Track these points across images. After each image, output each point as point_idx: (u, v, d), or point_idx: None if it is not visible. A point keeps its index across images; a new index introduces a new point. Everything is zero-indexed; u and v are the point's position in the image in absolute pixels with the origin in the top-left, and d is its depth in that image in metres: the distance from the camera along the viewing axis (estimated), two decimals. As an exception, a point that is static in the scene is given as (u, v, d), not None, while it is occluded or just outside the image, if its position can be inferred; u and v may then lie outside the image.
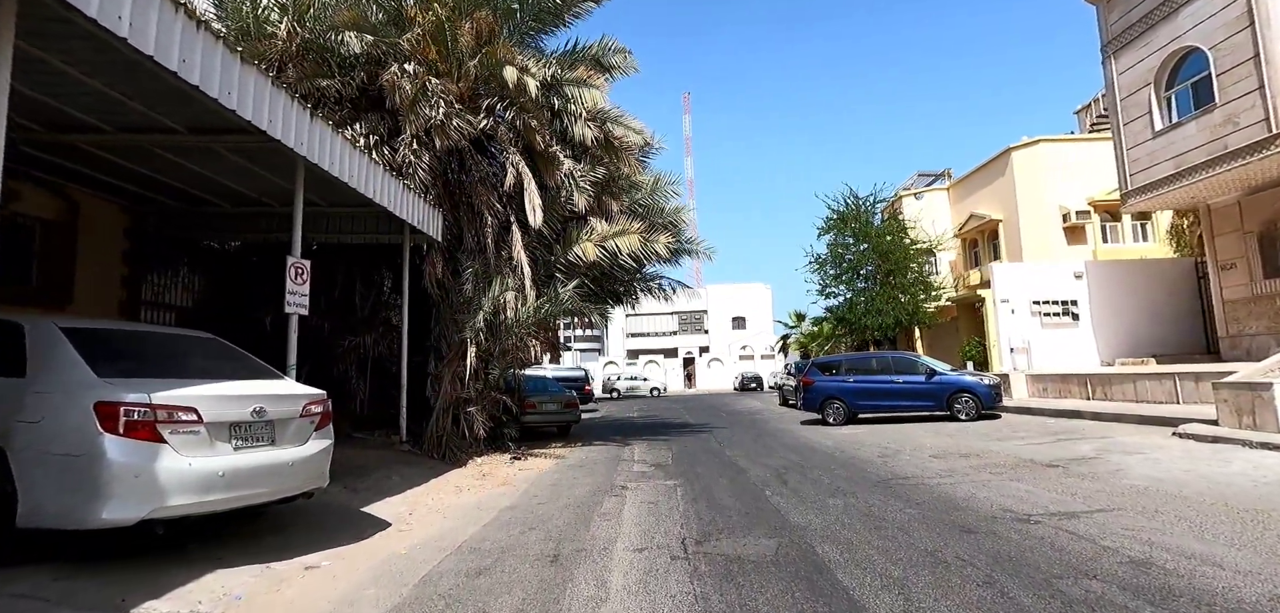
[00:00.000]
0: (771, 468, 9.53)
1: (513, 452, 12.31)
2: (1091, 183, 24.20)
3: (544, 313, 12.33)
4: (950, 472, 8.50)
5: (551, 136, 12.26)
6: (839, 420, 15.87)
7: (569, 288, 12.27)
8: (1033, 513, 6.05)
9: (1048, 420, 13.83)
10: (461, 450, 11.05)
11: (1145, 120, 15.98)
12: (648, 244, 12.77)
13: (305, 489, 5.19)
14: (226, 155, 8.25)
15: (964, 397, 15.06)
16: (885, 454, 10.45)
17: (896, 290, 23.84)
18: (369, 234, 11.65)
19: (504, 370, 12.82)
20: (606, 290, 14.58)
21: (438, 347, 12.03)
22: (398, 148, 10.95)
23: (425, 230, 11.06)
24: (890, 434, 13.16)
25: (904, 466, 9.19)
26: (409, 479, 8.55)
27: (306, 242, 12.41)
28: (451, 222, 12.79)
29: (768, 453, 11.33)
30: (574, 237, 12.49)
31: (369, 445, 10.48)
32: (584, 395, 28.69)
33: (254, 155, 8.23)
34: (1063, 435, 11.61)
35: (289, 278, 7.35)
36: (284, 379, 5.49)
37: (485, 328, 12.05)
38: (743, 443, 13.03)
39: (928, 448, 10.95)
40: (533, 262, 12.91)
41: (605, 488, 8.33)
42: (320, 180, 8.68)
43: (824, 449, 11.46)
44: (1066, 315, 19.31)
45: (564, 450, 12.90)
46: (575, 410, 15.88)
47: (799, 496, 7.35)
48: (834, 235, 25.54)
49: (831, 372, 16.81)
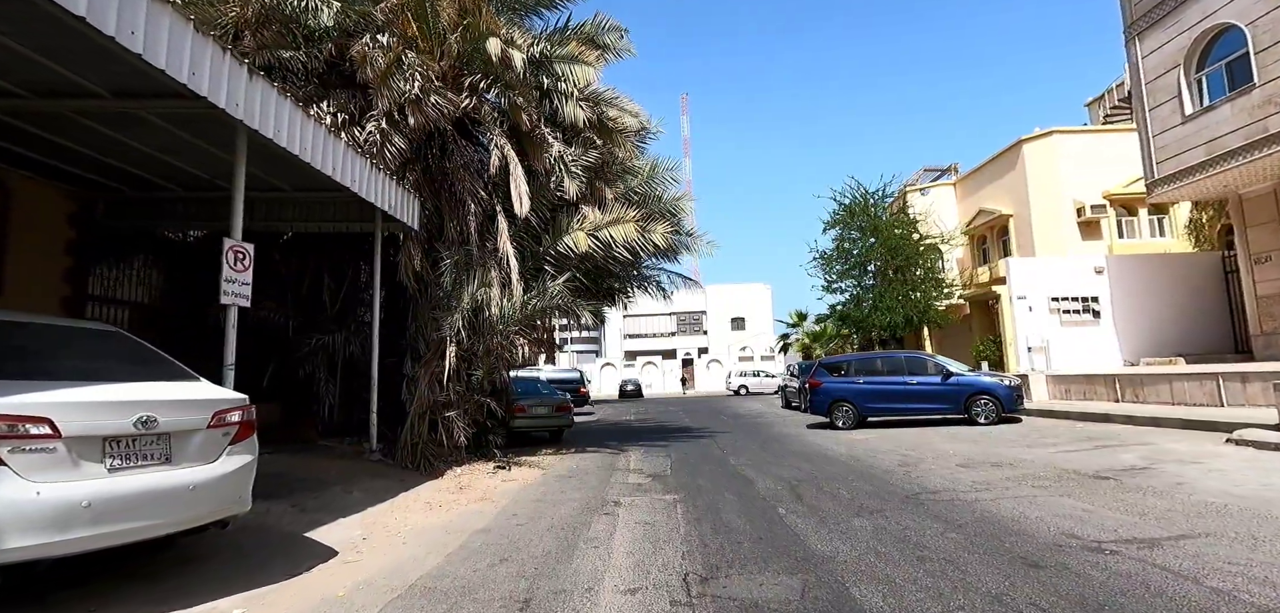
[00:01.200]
0: (782, 480, 8.53)
1: (498, 460, 11.31)
2: (1107, 176, 23.25)
3: (532, 309, 11.32)
4: (986, 485, 7.51)
5: (539, 117, 11.26)
6: (848, 424, 14.90)
7: (559, 282, 11.26)
8: (1103, 540, 5.05)
9: (1076, 425, 12.84)
10: (439, 460, 10.04)
11: (1173, 105, 15.02)
12: (645, 234, 11.76)
13: (217, 518, 4.18)
14: (160, 125, 7.24)
15: (983, 399, 14.08)
16: (906, 463, 9.46)
17: (906, 287, 22.79)
18: (339, 222, 10.65)
19: (488, 372, 11.80)
20: (601, 287, 13.58)
21: (415, 346, 11.02)
22: (368, 126, 9.93)
23: (400, 217, 10.05)
24: (906, 440, 12.16)
25: (930, 477, 8.20)
26: (373, 494, 7.52)
27: (276, 231, 11.44)
28: (431, 210, 11.79)
29: (775, 461, 10.34)
30: (564, 226, 11.48)
31: (335, 455, 9.47)
32: (580, 398, 27.72)
33: (191, 124, 7.23)
34: (1100, 442, 10.62)
35: (226, 263, 6.34)
36: (196, 383, 4.47)
37: (467, 325, 11.04)
38: (747, 450, 12.03)
39: (952, 456, 9.96)
40: (520, 253, 11.90)
41: (595, 505, 7.32)
42: (273, 157, 7.68)
43: (837, 457, 10.47)
44: (1087, 313, 18.32)
45: (554, 458, 11.89)
46: (568, 414, 14.87)
47: (818, 515, 6.35)
48: (840, 230, 24.52)
49: (839, 372, 15.83)
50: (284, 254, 11.22)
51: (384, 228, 10.72)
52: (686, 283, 15.00)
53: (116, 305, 11.10)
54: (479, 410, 11.60)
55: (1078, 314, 18.21)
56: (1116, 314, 18.17)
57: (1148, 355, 17.21)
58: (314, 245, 11.35)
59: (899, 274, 23.13)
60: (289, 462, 8.39)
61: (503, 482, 9.24)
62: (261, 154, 7.50)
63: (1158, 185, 15.55)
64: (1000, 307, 20.53)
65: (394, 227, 10.73)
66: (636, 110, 12.98)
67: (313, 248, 11.33)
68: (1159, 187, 15.53)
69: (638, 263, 13.34)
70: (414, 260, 10.98)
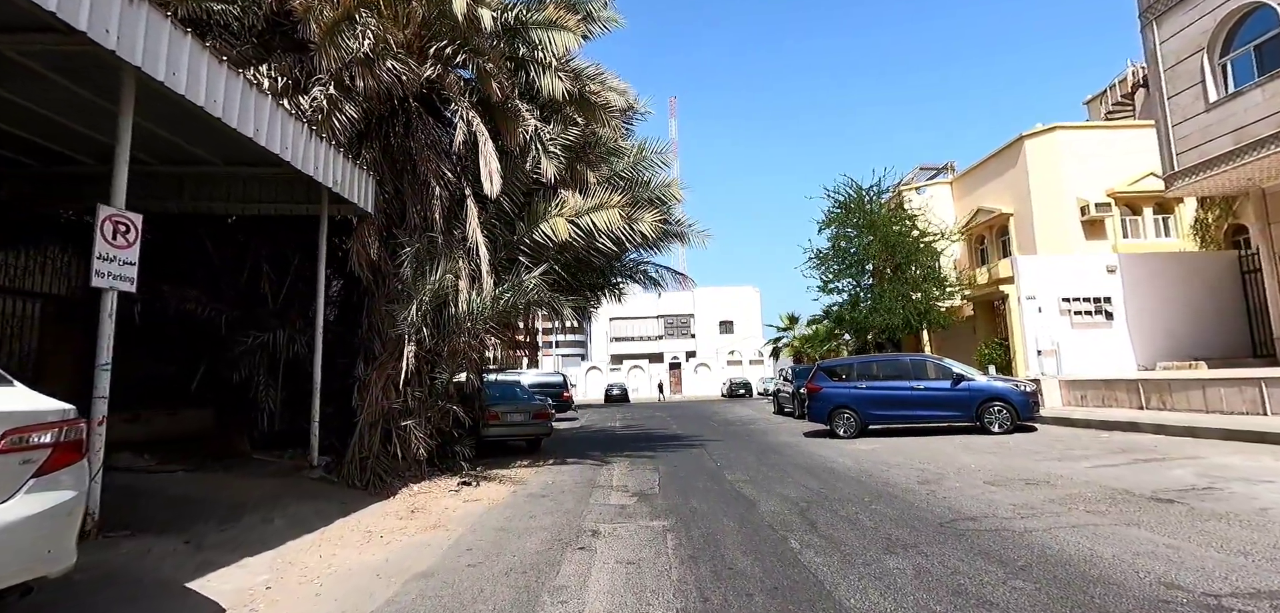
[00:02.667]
0: (788, 500, 7.35)
1: (465, 474, 10.05)
2: (1111, 173, 22.41)
3: (504, 305, 10.07)
4: (1030, 509, 6.37)
5: (513, 88, 10.03)
6: (850, 433, 13.78)
7: (535, 274, 10.02)
8: (1218, 591, 3.92)
9: (1100, 434, 11.79)
10: (393, 476, 8.76)
11: (1196, 91, 14.08)
12: (631, 223, 10.54)
13: (9, 582, 2.89)
14: (42, 75, 5.93)
15: (996, 406, 13.01)
16: (925, 479, 8.32)
17: (906, 287, 21.67)
18: (281, 203, 9.35)
19: (454, 374, 10.53)
20: (583, 282, 12.34)
21: (369, 346, 9.73)
22: (314, 91, 8.64)
23: (350, 198, 8.79)
24: (917, 451, 11.04)
25: (959, 498, 7.05)
26: (298, 523, 6.24)
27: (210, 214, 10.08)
28: (392, 193, 10.54)
29: (777, 476, 9.16)
30: (541, 212, 10.24)
31: (267, 472, 8.15)
32: (562, 403, 26.46)
33: (77, 71, 5.92)
34: (1137, 455, 9.55)
35: (101, 236, 5.04)
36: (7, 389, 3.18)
37: (429, 322, 9.78)
38: (743, 462, 10.85)
39: (975, 471, 8.84)
40: (491, 242, 10.66)
41: (569, 535, 6.09)
42: (184, 117, 6.42)
43: (845, 471, 9.31)
44: (1099, 314, 17.35)
45: (529, 471, 10.64)
46: (546, 422, 13.61)
47: (840, 551, 5.17)
48: (835, 229, 23.42)
49: (840, 377, 14.70)
50: (219, 240, 9.89)
51: (334, 210, 9.45)
52: (676, 278, 13.80)
53: (25, 297, 9.72)
54: (444, 418, 10.33)
55: (1089, 316, 17.24)
56: (1130, 316, 17.22)
57: (1163, 359, 16.27)
58: (255, 230, 10.03)
59: (897, 273, 22.03)
60: (205, 481, 7.09)
61: (465, 502, 7.98)
62: (166, 109, 6.23)
63: (1177, 178, 14.60)
64: (1007, 307, 19.52)
65: (346, 209, 9.46)
66: (623, 88, 11.79)
67: (255, 232, 10.00)
68: (1179, 179, 14.58)
69: (623, 254, 12.12)
70: (370, 249, 9.70)
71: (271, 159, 7.51)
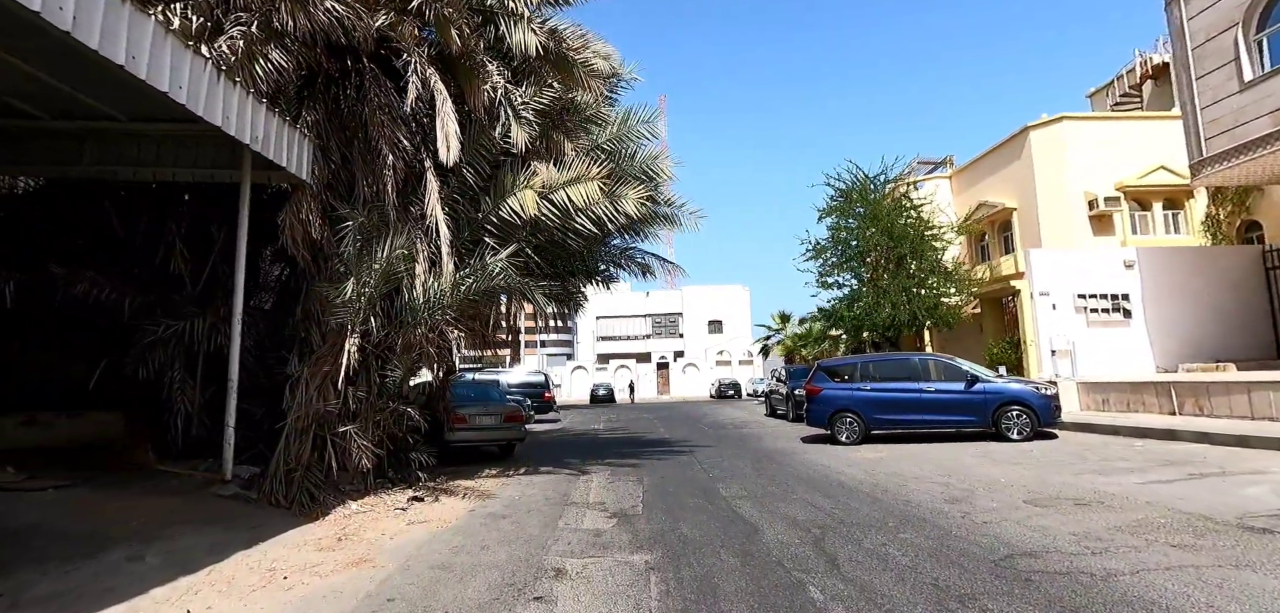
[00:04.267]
0: (798, 526, 6.10)
1: (420, 485, 8.73)
2: (1120, 167, 21.37)
3: (467, 290, 8.75)
4: (1098, 542, 5.15)
5: (478, 41, 8.70)
6: (853, 439, 12.59)
7: (501, 256, 8.71)
8: None
9: (1134, 443, 10.65)
10: (328, 491, 7.41)
11: (1228, 70, 13.00)
12: (613, 199, 9.24)
13: None
14: None
15: (1014, 411, 11.84)
16: (954, 498, 7.11)
17: (910, 282, 20.44)
18: (198, 167, 7.97)
19: (410, 372, 9.19)
20: (561, 268, 11.02)
21: (305, 338, 8.37)
22: (233, 32, 7.26)
23: (279, 161, 7.41)
24: (932, 461, 9.85)
25: (1003, 523, 5.83)
26: (181, 560, 4.88)
27: (124, 180, 8.65)
28: (339, 163, 9.18)
29: (779, 491, 7.91)
30: (508, 184, 8.92)
31: (167, 490, 6.77)
32: (544, 404, 25.17)
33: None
34: (1191, 467, 8.39)
35: None
36: None
37: (379, 312, 8.44)
38: (740, 473, 9.60)
39: (1005, 486, 7.64)
40: (454, 220, 9.33)
41: (525, 575, 4.80)
42: (61, 53, 5.05)
43: (856, 486, 8.08)
44: (1117, 312, 16.25)
45: (496, 482, 9.34)
46: (519, 425, 12.28)
47: (877, 604, 3.93)
48: (835, 219, 22.20)
49: (841, 378, 13.49)
50: (132, 212, 8.47)
51: (262, 177, 8.08)
52: (665, 267, 12.49)
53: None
54: (396, 423, 8.99)
55: (1107, 313, 16.13)
56: (1148, 314, 16.14)
57: (1186, 361, 15.22)
58: (173, 201, 8.62)
59: (899, 267, 20.81)
60: (78, 503, 5.71)
61: (409, 525, 6.65)
62: (44, 44, 4.86)
63: (1206, 165, 13.52)
64: (1019, 304, 18.40)
65: (278, 177, 8.10)
66: (607, 51, 10.50)
67: (171, 204, 8.59)
68: (1208, 166, 13.50)
69: (606, 239, 10.82)
70: (311, 226, 8.32)
71: (180, 112, 6.17)
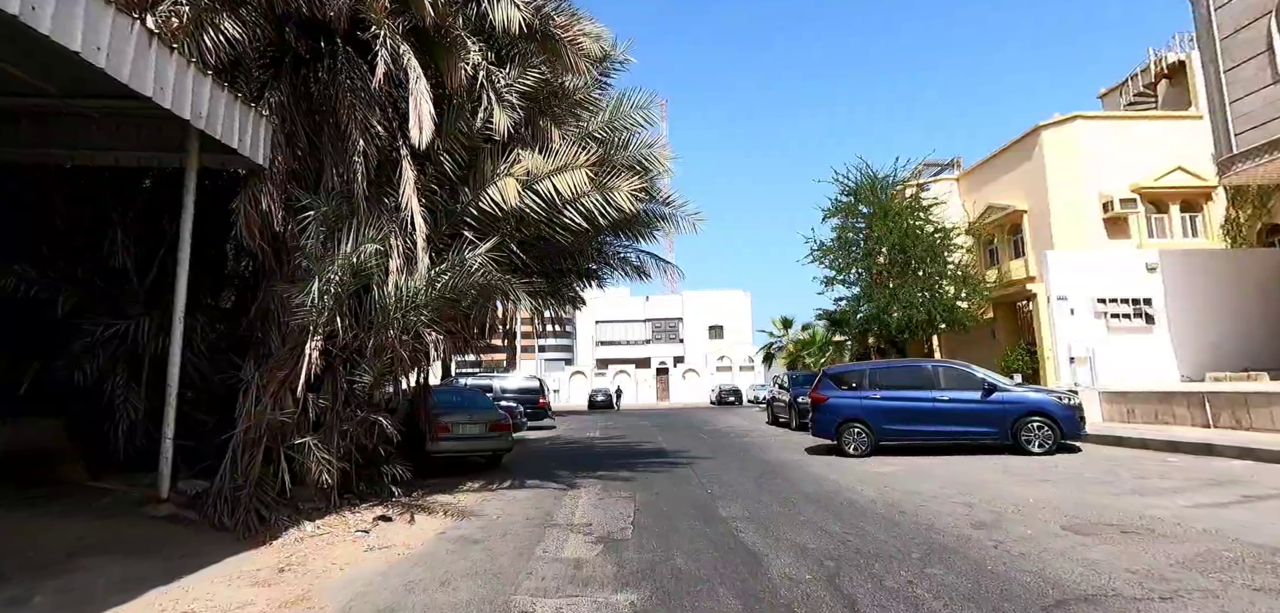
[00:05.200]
0: (807, 556, 5.33)
1: (392, 503, 7.97)
2: (1135, 168, 20.65)
3: (444, 288, 7.99)
4: (1163, 583, 4.39)
5: (455, 13, 7.96)
6: (861, 450, 11.82)
7: (481, 250, 7.95)
8: None
9: (1168, 458, 9.88)
10: (282, 511, 6.63)
11: (1260, 62, 12.28)
12: (604, 190, 8.47)
13: None
14: None
15: (1035, 422, 11.06)
16: (981, 523, 6.34)
17: (926, 284, 19.60)
18: (147, 151, 7.23)
19: (383, 376, 8.43)
20: (549, 267, 10.26)
21: (263, 340, 7.60)
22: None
23: (233, 145, 6.66)
24: (949, 477, 9.07)
25: (1043, 555, 5.06)
26: (76, 601, 4.12)
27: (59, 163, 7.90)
28: (307, 149, 8.46)
29: (784, 511, 7.13)
30: (488, 172, 8.17)
31: (95, 509, 6.00)
32: (539, 411, 24.37)
33: None
34: (1244, 489, 7.60)
35: None
36: None
37: (347, 310, 7.69)
38: (740, 489, 8.82)
39: (1039, 508, 6.87)
40: (431, 212, 8.59)
41: (487, 623, 4.02)
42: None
43: (869, 506, 7.30)
44: (1139, 317, 15.49)
45: (475, 498, 8.57)
46: (505, 435, 11.50)
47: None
48: (842, 219, 21.40)
49: (849, 385, 12.72)
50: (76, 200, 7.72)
51: (214, 161, 7.32)
52: (661, 268, 11.72)
53: None
54: (367, 433, 8.22)
55: (1128, 319, 15.37)
56: (1172, 319, 15.38)
57: (1212, 369, 14.45)
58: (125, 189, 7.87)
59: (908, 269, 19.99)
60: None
61: (368, 552, 5.88)
62: None
63: (1237, 161, 12.78)
64: (1034, 308, 17.60)
65: (232, 162, 7.34)
66: (598, 31, 9.77)
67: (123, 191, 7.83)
68: (1239, 162, 12.76)
69: (597, 236, 10.05)
70: (273, 217, 7.56)
71: (115, 87, 5.44)
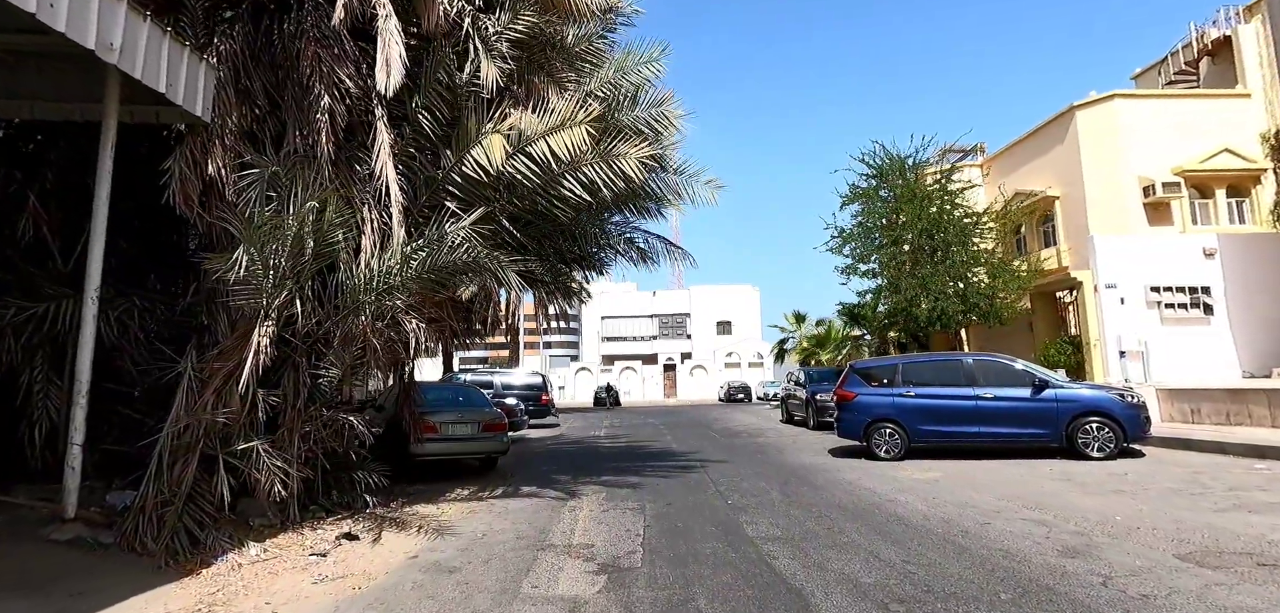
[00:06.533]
0: (866, 597, 4.16)
1: (363, 515, 6.88)
2: (1178, 150, 19.26)
3: (421, 266, 6.85)
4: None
5: (432, -56, 6.81)
6: (894, 453, 10.66)
7: (465, 222, 6.81)
8: None
9: (1253, 465, 8.66)
10: (220, 531, 5.52)
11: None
12: (609, 156, 7.31)
13: None
14: None
15: (1093, 423, 9.84)
16: (1070, 549, 5.16)
17: (958, 272, 18.22)
18: (68, 102, 6.12)
19: (351, 372, 7.31)
20: (547, 249, 9.12)
21: (209, 325, 6.50)
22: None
23: (157, 87, 5.52)
24: (1003, 485, 7.89)
25: (1175, 602, 3.89)
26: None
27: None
28: (267, 108, 7.35)
29: (823, 530, 5.96)
30: (473, 130, 7.02)
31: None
32: (541, 408, 23.28)
33: None
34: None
35: None
36: None
37: (307, 292, 6.57)
38: (765, 500, 7.65)
39: (1130, 528, 5.68)
40: (410, 178, 7.47)
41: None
42: None
43: (922, 524, 6.12)
44: (1195, 307, 14.22)
45: (459, 511, 7.45)
46: (500, 436, 10.35)
47: None
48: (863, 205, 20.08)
49: (879, 382, 11.52)
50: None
51: (153, 114, 6.20)
52: (670, 252, 10.53)
53: None
54: (335, 435, 7.11)
55: (1183, 309, 14.10)
56: (1232, 310, 14.11)
57: (1277, 364, 13.19)
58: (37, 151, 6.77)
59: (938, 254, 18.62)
60: None
61: (314, 584, 4.76)
62: None
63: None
64: (1079, 297, 16.27)
65: (169, 114, 6.21)
66: (601, -21, 8.58)
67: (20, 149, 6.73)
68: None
69: (601, 213, 8.89)
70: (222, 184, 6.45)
71: (43, 28, 4.35)
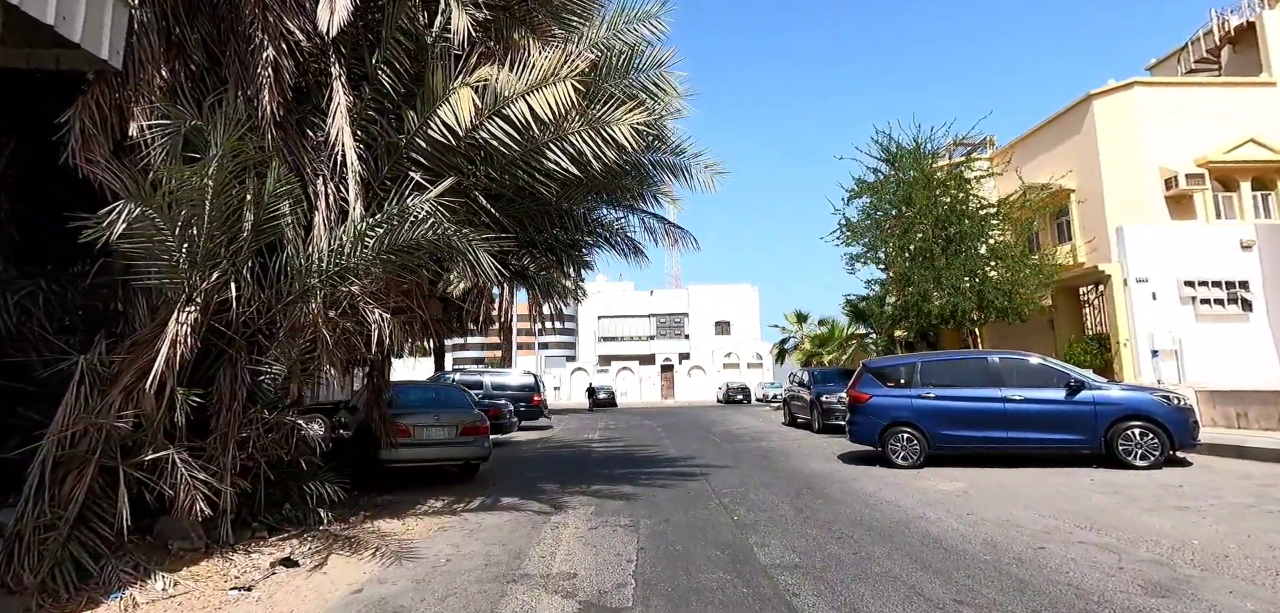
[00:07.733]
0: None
1: (311, 534, 5.92)
2: (1200, 141, 18.35)
3: (379, 243, 5.87)
4: None
5: None
6: (912, 460, 9.75)
7: (432, 194, 5.83)
8: None
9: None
10: (120, 560, 4.53)
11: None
12: (596, 125, 6.33)
13: None
14: None
15: (1135, 428, 8.90)
16: (1155, 585, 4.24)
17: (975, 263, 17.21)
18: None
19: (300, 369, 6.34)
20: (532, 228, 8.14)
21: (125, 312, 5.52)
22: None
23: (44, 18, 4.51)
24: (1043, 499, 6.94)
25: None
26: None
27: None
28: (205, 64, 6.36)
29: (848, 554, 4.99)
30: (439, 87, 6.04)
31: None
32: (533, 409, 22.33)
33: None
34: None
35: None
36: None
37: (245, 274, 5.60)
38: (776, 514, 6.69)
39: (1214, 555, 4.75)
40: (370, 146, 6.50)
41: None
42: None
43: (962, 547, 5.17)
44: (1233, 303, 13.32)
45: (426, 528, 6.48)
46: (480, 439, 9.38)
47: None
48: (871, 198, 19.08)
49: (895, 382, 10.57)
50: None
51: (53, 58, 5.18)
52: (668, 232, 9.54)
53: None
54: (283, 441, 6.13)
55: (1220, 305, 13.21)
56: (1272, 305, 13.21)
57: (1321, 365, 12.33)
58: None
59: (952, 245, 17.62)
60: None
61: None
62: None
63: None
64: (1108, 293, 15.29)
65: (69, 58, 5.20)
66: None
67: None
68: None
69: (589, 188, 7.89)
70: (148, 149, 5.46)
71: None
